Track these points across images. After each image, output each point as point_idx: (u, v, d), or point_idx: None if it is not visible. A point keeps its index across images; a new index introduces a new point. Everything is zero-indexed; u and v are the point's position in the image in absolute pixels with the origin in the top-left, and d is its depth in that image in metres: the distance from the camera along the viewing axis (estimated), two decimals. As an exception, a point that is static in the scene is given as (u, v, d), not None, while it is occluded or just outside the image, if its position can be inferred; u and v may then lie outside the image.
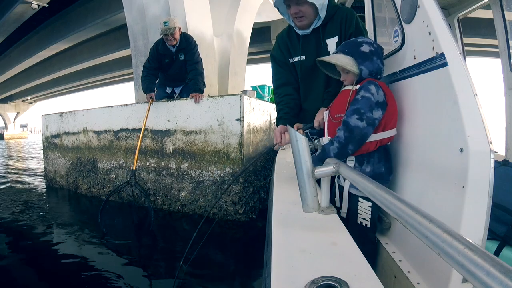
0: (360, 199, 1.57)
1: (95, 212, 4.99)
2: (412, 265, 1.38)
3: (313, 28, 1.79)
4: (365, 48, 1.51)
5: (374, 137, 1.50)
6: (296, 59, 1.90)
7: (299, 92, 1.96)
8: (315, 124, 1.75)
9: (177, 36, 4.24)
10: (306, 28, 1.79)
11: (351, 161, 1.56)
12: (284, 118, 1.88)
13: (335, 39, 1.77)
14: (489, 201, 1.07)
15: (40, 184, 7.32)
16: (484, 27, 11.83)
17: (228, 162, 4.00)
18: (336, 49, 1.68)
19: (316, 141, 1.60)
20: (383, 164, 1.55)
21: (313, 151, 1.59)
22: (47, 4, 12.52)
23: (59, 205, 5.54)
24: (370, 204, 1.55)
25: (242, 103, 3.89)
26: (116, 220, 4.35)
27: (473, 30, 12.40)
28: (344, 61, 1.51)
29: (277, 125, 1.90)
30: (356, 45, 1.53)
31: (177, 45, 4.34)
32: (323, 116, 1.72)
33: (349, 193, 1.60)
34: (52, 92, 35.02)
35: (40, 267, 3.05)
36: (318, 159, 1.48)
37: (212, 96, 4.16)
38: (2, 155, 16.40)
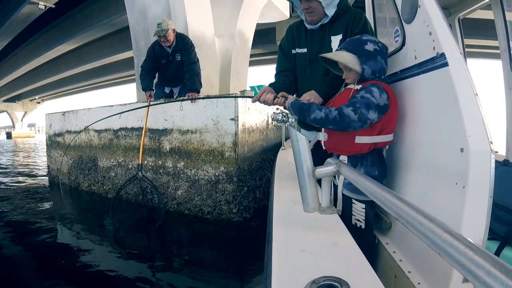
0: (353, 200, 1.57)
1: (98, 209, 5.08)
2: (412, 265, 1.38)
3: (320, 24, 1.83)
4: (369, 47, 1.48)
5: (368, 140, 1.49)
6: (298, 50, 1.95)
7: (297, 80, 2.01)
8: None
9: (171, 37, 4.27)
10: (315, 23, 1.84)
11: (344, 161, 1.56)
12: (275, 85, 1.91)
13: (340, 37, 1.79)
14: (489, 201, 1.07)
15: (43, 181, 7.38)
16: (485, 29, 11.79)
17: (223, 161, 4.01)
18: (339, 46, 1.68)
19: (291, 117, 1.56)
20: (377, 167, 1.54)
21: (283, 121, 1.58)
22: (54, 5, 12.56)
23: (62, 201, 5.56)
24: (363, 206, 1.54)
25: (236, 102, 3.90)
26: (125, 215, 4.39)
27: (474, 31, 12.37)
28: (347, 59, 1.49)
29: None
30: (360, 43, 1.51)
31: (173, 46, 4.38)
32: (309, 97, 1.71)
33: (344, 195, 1.59)
34: (60, 92, 35.05)
35: (45, 260, 3.08)
36: (297, 104, 1.48)
37: (207, 96, 4.17)
38: (8, 153, 16.45)
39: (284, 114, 1.60)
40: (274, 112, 1.61)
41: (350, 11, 1.81)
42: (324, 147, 1.71)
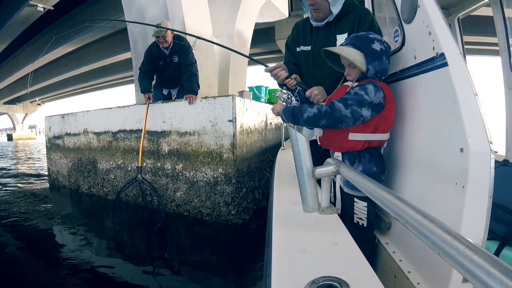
0: (355, 199, 1.57)
1: (98, 211, 5.09)
2: (412, 265, 1.38)
3: (326, 22, 1.81)
4: (376, 46, 1.45)
5: (362, 137, 1.49)
6: (303, 48, 1.94)
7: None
8: (307, 93, 1.74)
9: (169, 38, 4.28)
10: (320, 20, 1.82)
11: (338, 158, 1.56)
12: (289, 67, 1.91)
13: (345, 35, 1.76)
14: (489, 201, 1.07)
15: (43, 183, 7.38)
16: (485, 25, 11.81)
17: (221, 163, 4.01)
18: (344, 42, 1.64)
19: (294, 102, 1.63)
20: (375, 163, 1.54)
21: (285, 101, 1.63)
22: (52, 7, 12.58)
23: (62, 204, 5.59)
24: (365, 204, 1.55)
25: (234, 104, 3.89)
26: (125, 217, 4.41)
27: (474, 28, 12.39)
28: (355, 56, 1.45)
29: None
30: (368, 41, 1.47)
31: (170, 47, 4.38)
32: (318, 92, 1.71)
33: (345, 193, 1.60)
34: (60, 93, 35.14)
35: (45, 262, 3.09)
36: (289, 110, 1.49)
37: (205, 97, 4.17)
38: (9, 155, 16.46)
39: (289, 95, 1.61)
40: (280, 91, 1.63)
41: (356, 9, 1.78)
42: (319, 143, 1.71)
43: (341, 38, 1.77)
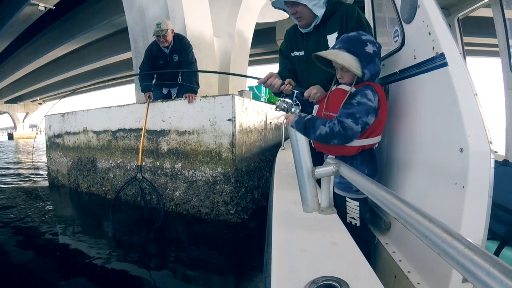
0: (347, 199, 1.57)
1: (98, 210, 5.11)
2: (412, 265, 1.38)
3: (314, 26, 1.81)
4: (369, 49, 1.43)
5: (358, 143, 1.49)
6: (296, 53, 1.95)
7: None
8: (306, 94, 1.72)
9: (169, 38, 4.29)
10: (306, 27, 1.82)
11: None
12: (282, 74, 1.91)
13: (335, 34, 1.76)
14: (489, 201, 1.07)
15: (43, 182, 7.38)
16: (485, 26, 11.82)
17: (220, 162, 4.01)
18: (335, 44, 1.58)
19: (294, 108, 1.61)
20: (366, 166, 1.54)
21: (285, 110, 1.61)
22: (54, 6, 12.61)
23: (62, 202, 5.60)
24: (357, 203, 1.55)
25: (233, 103, 3.89)
26: (124, 217, 4.42)
27: (475, 29, 12.39)
28: (350, 62, 1.41)
29: None
30: (361, 44, 1.44)
31: (170, 46, 4.39)
32: (316, 90, 1.70)
33: (336, 194, 1.60)
34: (61, 92, 35.17)
35: (44, 261, 3.08)
36: (301, 122, 1.46)
37: (204, 96, 4.17)
38: (9, 154, 16.47)
39: (288, 103, 1.61)
40: (280, 100, 1.62)
41: (342, 6, 1.78)
42: (313, 145, 1.70)
43: (331, 38, 1.77)
